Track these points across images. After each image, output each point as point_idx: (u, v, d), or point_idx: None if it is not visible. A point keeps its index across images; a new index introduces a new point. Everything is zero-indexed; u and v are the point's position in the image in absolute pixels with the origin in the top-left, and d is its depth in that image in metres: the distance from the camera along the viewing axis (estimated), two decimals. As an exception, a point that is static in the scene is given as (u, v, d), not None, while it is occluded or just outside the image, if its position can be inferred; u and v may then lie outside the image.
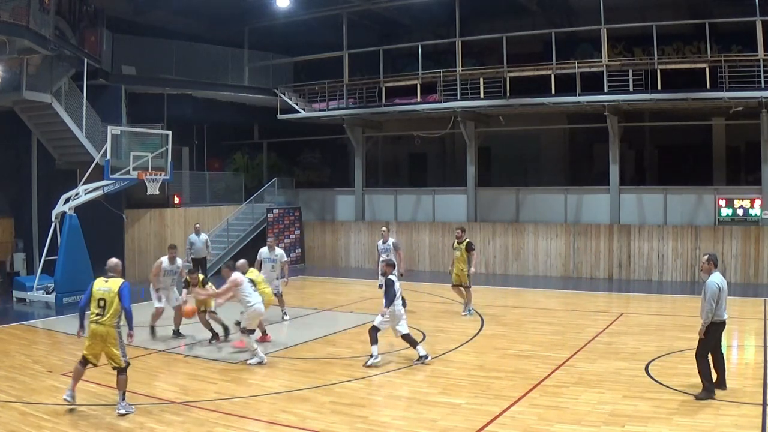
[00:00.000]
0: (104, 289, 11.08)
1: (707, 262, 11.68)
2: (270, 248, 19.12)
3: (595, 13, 25.64)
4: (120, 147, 22.89)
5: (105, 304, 10.96)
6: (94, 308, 11.01)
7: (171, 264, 17.38)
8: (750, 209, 24.91)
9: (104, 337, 10.93)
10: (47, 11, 21.36)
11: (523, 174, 32.36)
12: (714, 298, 11.18)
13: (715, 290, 11.21)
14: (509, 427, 10.18)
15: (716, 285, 11.25)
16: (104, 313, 10.93)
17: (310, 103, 31.89)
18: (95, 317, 10.97)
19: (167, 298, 17.21)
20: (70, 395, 11.00)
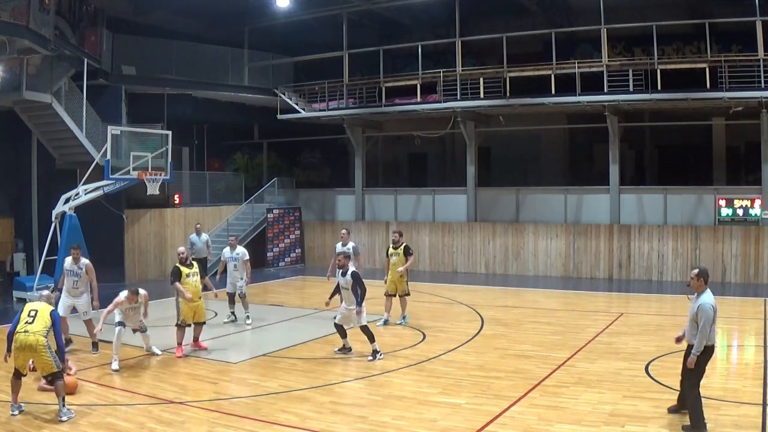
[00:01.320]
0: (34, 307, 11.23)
1: (697, 277, 10.28)
2: (231, 247, 18.88)
3: (595, 13, 25.63)
4: (120, 147, 22.91)
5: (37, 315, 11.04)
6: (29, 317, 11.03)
7: (74, 264, 15.95)
8: (750, 209, 24.91)
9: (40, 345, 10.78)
10: (47, 11, 21.36)
11: (523, 174, 32.35)
12: (710, 323, 9.82)
13: (710, 314, 9.84)
14: (509, 427, 10.18)
15: (711, 307, 9.88)
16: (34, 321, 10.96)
17: (310, 103, 31.89)
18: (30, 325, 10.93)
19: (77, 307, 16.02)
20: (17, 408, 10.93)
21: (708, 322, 9.81)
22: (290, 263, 31.92)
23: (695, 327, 9.94)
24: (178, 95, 29.67)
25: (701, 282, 10.25)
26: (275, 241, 31.65)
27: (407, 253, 18.25)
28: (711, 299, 10.03)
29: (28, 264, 25.97)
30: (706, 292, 10.14)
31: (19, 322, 10.94)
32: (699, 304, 9.95)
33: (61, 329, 11.30)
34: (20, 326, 10.86)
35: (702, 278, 10.28)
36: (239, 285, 18.38)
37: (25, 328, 10.80)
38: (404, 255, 18.23)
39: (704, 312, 9.85)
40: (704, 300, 9.98)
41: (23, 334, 10.75)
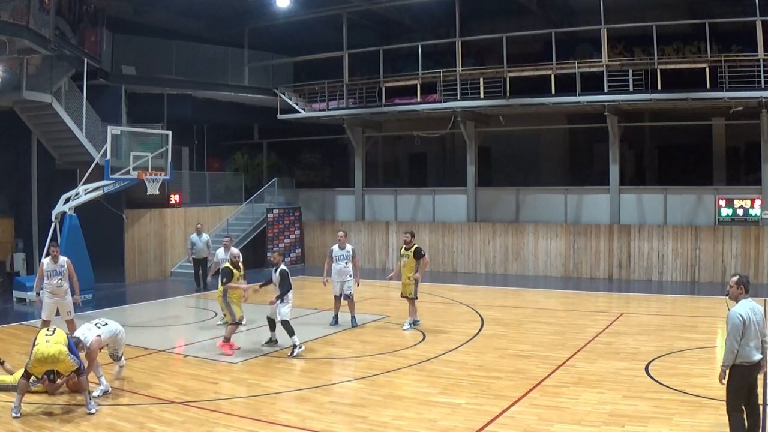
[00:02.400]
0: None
1: (737, 285, 9.03)
2: (225, 248, 18.91)
3: (595, 13, 25.64)
4: (120, 147, 22.91)
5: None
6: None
7: (53, 263, 15.34)
8: (750, 209, 24.90)
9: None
10: (47, 11, 21.37)
11: (523, 174, 32.34)
12: (736, 334, 8.68)
13: (737, 323, 8.70)
14: (509, 427, 10.18)
15: (738, 317, 8.70)
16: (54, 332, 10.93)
17: (310, 103, 31.89)
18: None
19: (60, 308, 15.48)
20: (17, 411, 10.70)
21: (733, 333, 8.69)
22: (290, 263, 31.87)
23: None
24: (178, 95, 29.69)
25: (741, 290, 9.03)
26: (275, 241, 31.63)
27: (418, 255, 17.38)
28: (744, 308, 8.82)
29: (28, 264, 25.98)
30: (742, 302, 8.97)
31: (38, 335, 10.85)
32: (729, 313, 8.93)
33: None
34: (40, 337, 10.71)
35: (743, 286, 9.03)
36: None
37: (46, 338, 10.69)
38: (414, 257, 17.38)
39: (730, 321, 8.79)
40: (735, 309, 8.87)
41: (45, 345, 10.56)
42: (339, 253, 18.27)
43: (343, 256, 18.23)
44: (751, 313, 8.76)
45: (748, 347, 8.69)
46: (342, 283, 18.01)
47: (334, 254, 18.24)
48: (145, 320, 19.78)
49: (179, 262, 28.50)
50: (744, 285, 9.01)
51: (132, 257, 27.20)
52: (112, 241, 26.19)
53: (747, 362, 8.71)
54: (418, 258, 17.31)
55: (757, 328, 8.79)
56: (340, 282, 18.03)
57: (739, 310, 8.79)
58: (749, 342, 8.69)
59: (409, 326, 17.45)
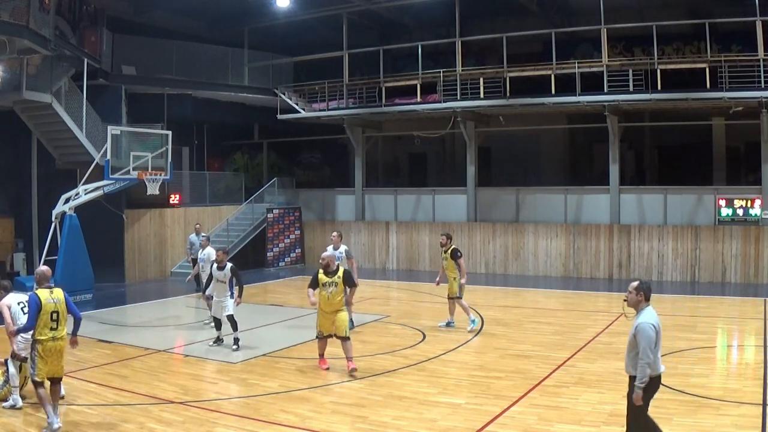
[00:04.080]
0: (54, 300, 10.33)
1: (636, 291, 8.50)
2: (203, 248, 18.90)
3: (595, 13, 25.64)
4: (120, 147, 22.91)
5: (58, 317, 10.31)
6: (47, 323, 10.20)
7: None
8: (750, 209, 24.90)
9: (61, 351, 10.36)
10: (47, 11, 21.39)
11: (523, 174, 32.36)
12: (651, 345, 8.16)
13: (651, 335, 8.18)
14: (509, 427, 10.18)
15: (651, 327, 8.20)
16: (58, 326, 10.29)
17: (310, 103, 31.89)
18: (50, 333, 10.20)
19: None
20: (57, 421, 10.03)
21: (649, 345, 8.14)
22: (290, 263, 31.92)
23: (635, 352, 8.31)
24: (178, 95, 29.70)
25: (641, 297, 8.48)
26: (275, 241, 31.65)
27: (455, 257, 17.14)
28: (653, 317, 8.33)
29: (28, 264, 25.99)
30: (646, 310, 8.44)
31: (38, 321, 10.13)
32: (638, 324, 8.32)
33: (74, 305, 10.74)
34: (46, 332, 10.12)
35: (642, 293, 8.48)
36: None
37: (52, 335, 10.19)
38: (452, 259, 17.17)
39: (643, 333, 8.20)
40: (644, 319, 8.31)
41: (52, 341, 10.18)
42: (331, 253, 18.11)
43: (337, 257, 18.14)
44: (658, 324, 8.33)
45: (657, 358, 8.31)
46: None
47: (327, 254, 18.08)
48: (145, 320, 19.79)
49: (179, 262, 28.51)
50: (644, 292, 8.49)
51: (132, 257, 27.22)
52: (112, 241, 26.19)
53: (656, 374, 8.31)
54: (455, 259, 17.13)
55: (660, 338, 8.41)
56: None
57: (650, 319, 8.28)
58: (658, 351, 8.32)
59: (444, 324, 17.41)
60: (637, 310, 8.49)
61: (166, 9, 29.79)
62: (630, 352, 8.37)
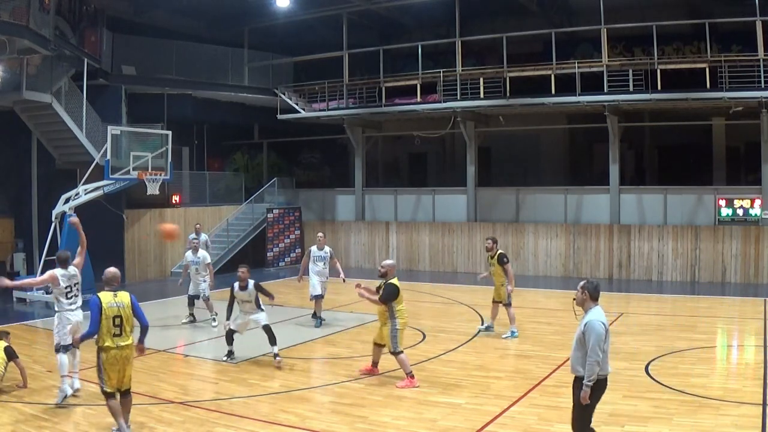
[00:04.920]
0: (117, 304, 9.75)
1: (581, 290, 8.49)
2: (194, 250, 18.74)
3: (595, 13, 25.65)
4: (120, 147, 22.90)
5: (122, 323, 9.73)
6: (109, 329, 9.69)
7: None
8: (750, 209, 24.91)
9: (127, 360, 9.82)
10: (47, 11, 21.38)
11: (523, 174, 32.36)
12: (600, 343, 8.11)
13: (600, 332, 8.12)
14: (509, 427, 10.18)
15: (601, 325, 8.16)
16: (122, 332, 9.73)
17: (310, 103, 31.90)
18: (113, 341, 9.69)
19: None
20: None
21: (598, 343, 8.08)
22: (290, 263, 31.89)
23: (583, 350, 8.24)
24: (178, 95, 29.69)
25: (586, 296, 8.44)
26: (275, 241, 31.65)
27: (501, 263, 16.64)
28: (602, 316, 8.31)
29: (28, 264, 25.98)
30: (594, 309, 8.39)
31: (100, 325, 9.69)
32: (586, 321, 8.28)
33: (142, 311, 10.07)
34: (108, 339, 9.67)
35: (587, 291, 8.44)
36: (202, 288, 18.30)
37: (116, 343, 9.69)
38: (499, 264, 16.71)
39: (592, 330, 8.13)
40: (592, 317, 8.28)
41: (116, 350, 9.69)
42: (317, 254, 18.42)
43: (321, 257, 18.41)
44: (607, 322, 8.30)
45: (605, 358, 8.23)
46: (322, 283, 18.24)
47: (312, 254, 18.40)
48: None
49: (179, 262, 28.47)
50: (589, 291, 8.42)
51: (132, 257, 27.22)
52: (112, 241, 26.16)
53: (603, 375, 8.24)
54: (502, 265, 16.66)
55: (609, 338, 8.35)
56: (321, 282, 18.22)
57: (599, 317, 8.23)
58: (606, 352, 8.24)
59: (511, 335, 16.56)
60: (584, 309, 8.45)
61: (166, 9, 29.78)
62: (576, 351, 8.35)
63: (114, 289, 9.93)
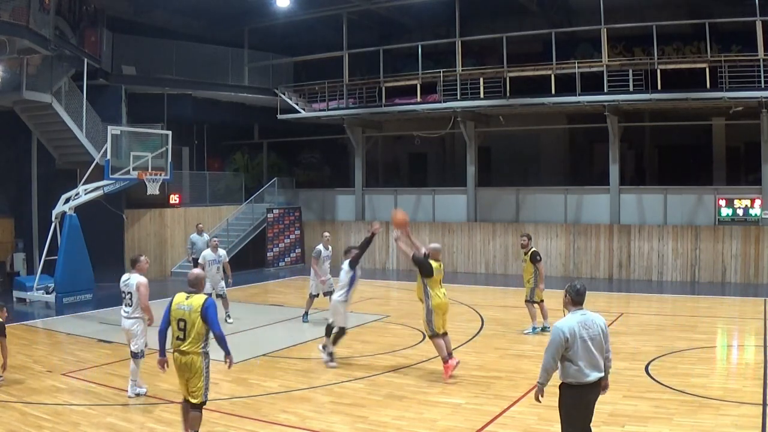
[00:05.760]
0: (185, 307, 9.32)
1: (565, 293, 8.17)
2: (213, 249, 18.82)
3: (595, 13, 25.65)
4: (120, 147, 22.89)
5: (185, 327, 9.29)
6: (174, 331, 9.37)
7: None
8: (750, 209, 24.90)
9: (188, 366, 9.33)
10: (47, 11, 21.38)
11: (523, 174, 32.35)
12: (553, 351, 7.75)
13: (555, 339, 7.72)
14: (509, 427, 10.19)
15: (560, 333, 7.69)
16: (185, 337, 9.29)
17: (310, 103, 31.90)
18: (175, 343, 9.35)
19: None
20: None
21: (551, 349, 7.74)
22: (290, 263, 31.90)
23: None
24: (178, 95, 29.69)
25: (567, 299, 8.10)
26: (275, 241, 31.64)
27: (534, 260, 16.60)
28: (569, 323, 7.81)
29: (28, 264, 25.98)
30: (570, 314, 8.00)
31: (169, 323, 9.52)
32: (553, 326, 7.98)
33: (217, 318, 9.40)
34: (173, 342, 9.38)
35: (568, 295, 8.10)
36: (220, 286, 18.31)
37: (177, 346, 9.31)
38: (531, 261, 16.66)
39: (551, 335, 7.87)
40: (560, 322, 7.90)
41: (177, 353, 9.32)
42: (325, 253, 18.69)
43: (329, 256, 18.82)
44: (580, 328, 7.76)
45: (576, 367, 7.73)
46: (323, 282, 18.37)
47: (323, 255, 18.57)
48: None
49: (179, 262, 28.51)
50: (570, 294, 8.05)
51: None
52: (112, 241, 26.18)
53: (577, 382, 7.80)
54: (534, 263, 16.62)
55: (590, 345, 7.78)
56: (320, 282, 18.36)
57: (562, 324, 7.77)
58: (578, 361, 7.72)
59: (537, 329, 16.72)
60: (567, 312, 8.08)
61: (166, 9, 29.79)
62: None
63: (192, 291, 9.52)
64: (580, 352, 7.70)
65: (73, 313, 20.29)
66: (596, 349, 7.82)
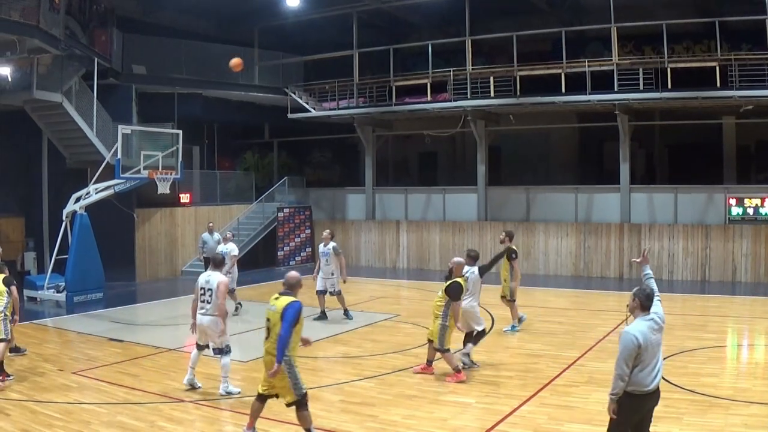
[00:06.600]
0: (271, 307, 9.45)
1: (633, 297, 7.62)
2: (223, 241, 19.04)
3: (605, 12, 25.57)
4: (130, 146, 22.97)
5: (269, 326, 9.46)
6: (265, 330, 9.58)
7: None
8: (760, 208, 24.79)
9: (267, 367, 9.48)
10: (57, 11, 21.44)
11: (534, 173, 32.29)
12: (627, 358, 7.32)
13: (629, 346, 7.31)
14: (519, 426, 10.18)
15: (633, 339, 7.30)
16: (268, 336, 9.47)
17: (320, 103, 31.92)
18: (265, 342, 9.56)
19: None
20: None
21: (624, 356, 7.32)
22: (300, 262, 31.89)
23: None
24: (189, 94, 29.72)
25: (636, 304, 7.59)
26: (285, 240, 31.67)
27: (510, 258, 16.38)
28: (642, 326, 7.43)
29: (38, 263, 26.08)
30: (638, 319, 7.56)
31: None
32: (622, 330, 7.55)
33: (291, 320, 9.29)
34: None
35: (637, 299, 7.60)
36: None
37: (265, 344, 9.54)
38: (507, 259, 16.38)
39: (621, 341, 7.39)
40: (632, 326, 7.47)
41: (265, 351, 9.52)
42: (321, 250, 18.95)
43: (326, 253, 18.81)
44: (649, 333, 7.39)
45: (643, 373, 7.35)
46: (325, 280, 18.58)
47: (320, 251, 18.97)
48: (155, 319, 19.87)
49: (190, 261, 28.57)
50: (640, 299, 7.56)
51: (143, 256, 27.27)
52: (122, 240, 26.26)
53: (640, 391, 7.38)
54: (509, 260, 16.46)
55: (657, 350, 7.48)
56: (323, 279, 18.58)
57: (633, 329, 7.38)
58: (645, 367, 7.35)
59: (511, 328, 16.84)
60: (634, 317, 7.62)
61: (176, 9, 29.87)
62: None
63: (284, 293, 9.55)
64: (648, 358, 7.37)
65: (83, 312, 20.34)
66: (659, 352, 7.54)
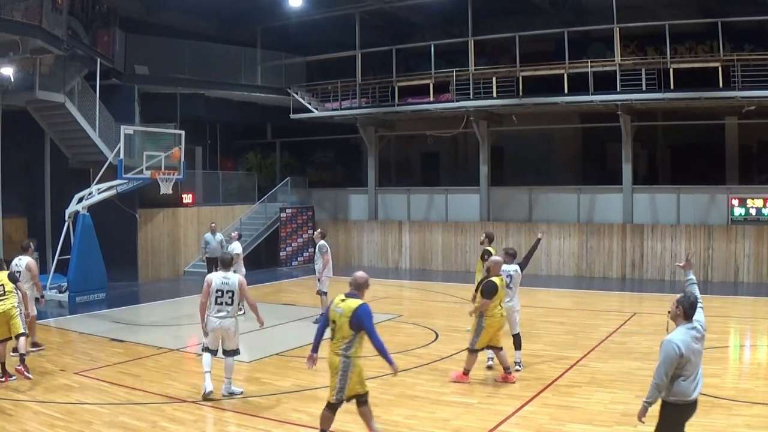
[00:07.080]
0: (338, 309, 9.18)
1: (676, 305, 7.30)
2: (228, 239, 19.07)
3: (608, 12, 25.56)
4: (133, 146, 22.95)
5: (335, 328, 9.23)
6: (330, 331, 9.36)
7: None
8: (763, 209, 24.77)
9: (331, 365, 9.35)
10: (60, 11, 21.47)
11: (536, 173, 32.28)
12: (668, 367, 7.08)
13: (670, 354, 7.06)
14: (521, 426, 10.17)
15: (675, 348, 7.04)
16: (333, 337, 9.28)
17: (322, 103, 31.93)
18: (330, 342, 9.37)
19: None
20: None
21: (664, 365, 7.06)
22: (303, 262, 31.89)
23: None
24: (191, 95, 29.77)
25: (680, 312, 7.29)
26: (288, 240, 31.68)
27: (483, 258, 15.62)
28: (682, 337, 7.15)
29: (41, 263, 26.04)
30: (679, 328, 7.28)
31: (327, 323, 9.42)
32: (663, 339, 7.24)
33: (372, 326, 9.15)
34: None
35: (681, 307, 7.28)
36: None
37: (330, 346, 9.35)
38: (481, 260, 15.85)
39: (663, 349, 7.13)
40: (672, 335, 7.19)
41: (330, 353, 9.33)
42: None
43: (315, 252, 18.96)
44: (692, 343, 7.14)
45: (685, 383, 7.14)
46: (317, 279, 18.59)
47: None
48: (157, 319, 19.86)
49: (192, 261, 28.58)
50: (684, 306, 7.26)
51: (145, 256, 27.29)
52: (125, 240, 26.28)
53: (683, 401, 7.21)
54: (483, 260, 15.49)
55: (699, 360, 7.23)
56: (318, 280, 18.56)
57: (675, 338, 7.11)
58: (688, 377, 7.14)
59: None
60: (676, 325, 7.34)
61: (179, 9, 29.89)
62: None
63: (351, 294, 9.31)
64: (690, 367, 7.16)
65: (85, 312, 20.35)
66: (700, 362, 7.30)
